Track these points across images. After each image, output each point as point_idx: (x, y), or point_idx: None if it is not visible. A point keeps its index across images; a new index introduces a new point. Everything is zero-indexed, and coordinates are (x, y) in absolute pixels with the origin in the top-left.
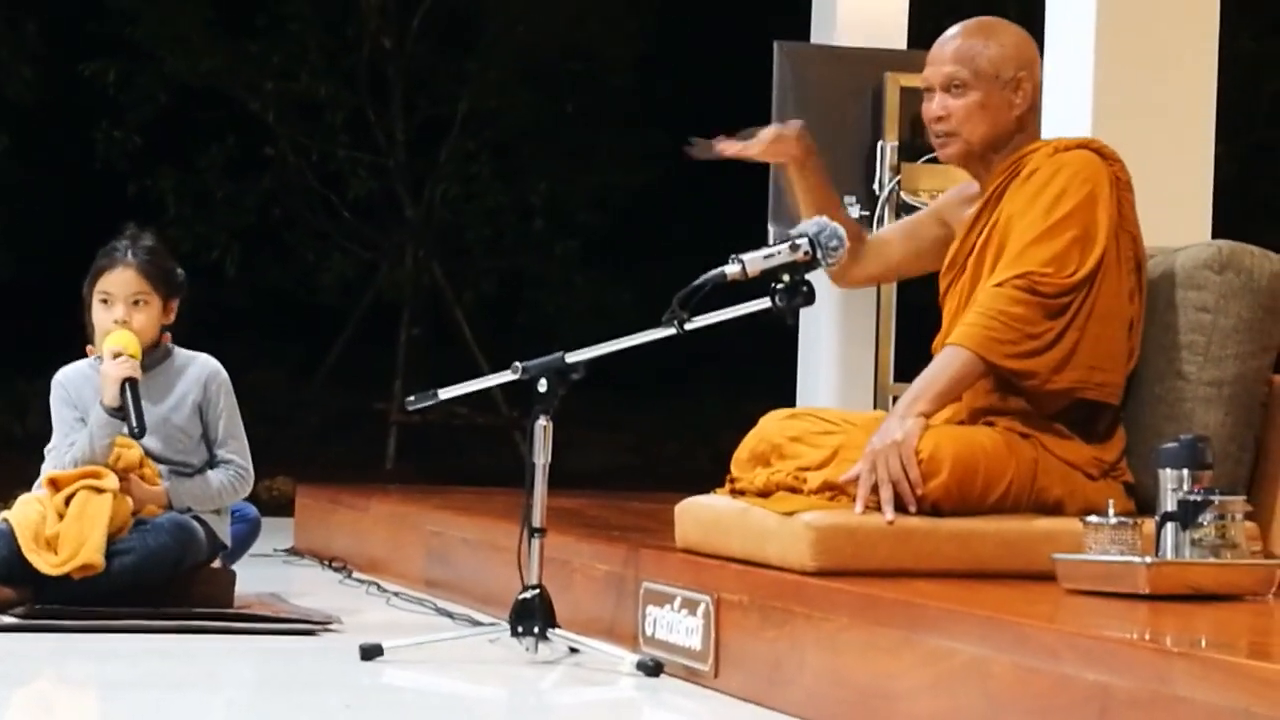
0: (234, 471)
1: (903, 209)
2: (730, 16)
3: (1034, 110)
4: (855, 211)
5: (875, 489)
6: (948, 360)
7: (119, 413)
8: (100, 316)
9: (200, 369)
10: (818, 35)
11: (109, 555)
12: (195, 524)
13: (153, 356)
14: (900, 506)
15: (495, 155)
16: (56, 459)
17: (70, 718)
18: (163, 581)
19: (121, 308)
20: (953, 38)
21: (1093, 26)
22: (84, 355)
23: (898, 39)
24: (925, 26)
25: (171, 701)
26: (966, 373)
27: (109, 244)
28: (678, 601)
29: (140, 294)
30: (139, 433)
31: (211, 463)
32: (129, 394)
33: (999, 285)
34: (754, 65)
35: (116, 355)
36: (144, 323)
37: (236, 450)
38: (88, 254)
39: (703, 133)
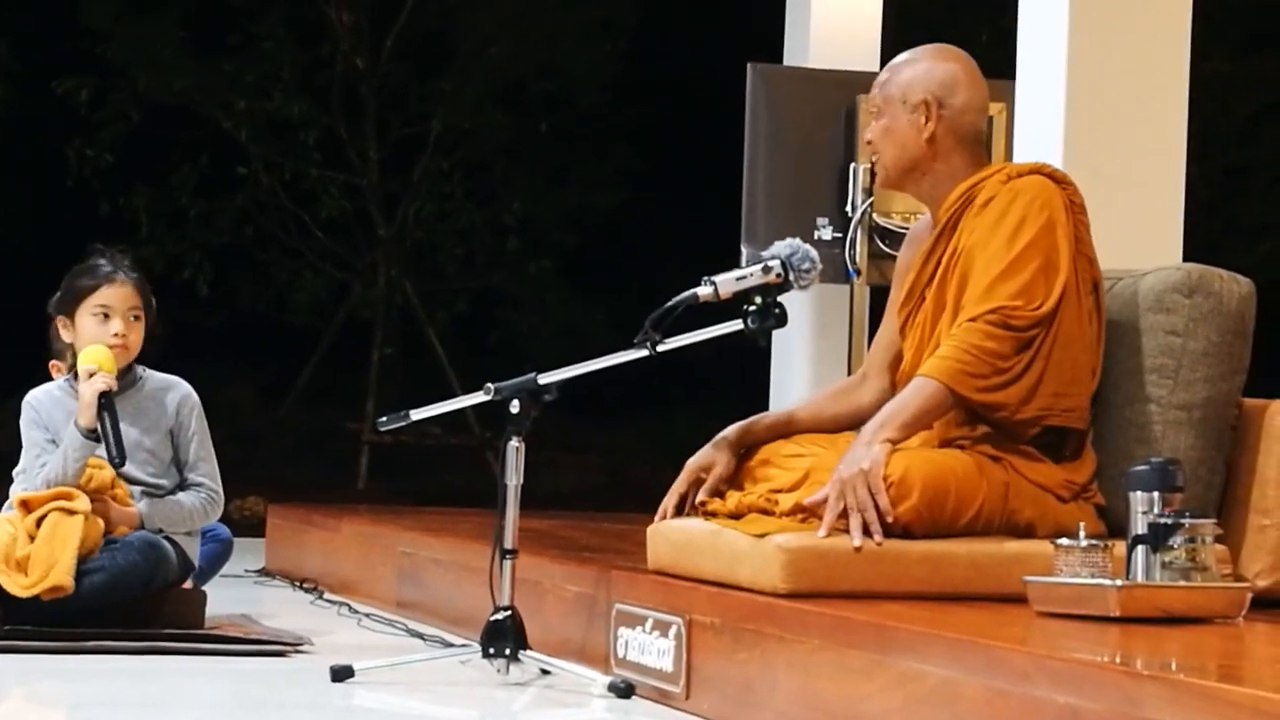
0: (205, 494)
1: (875, 231)
2: (703, 38)
3: (957, 133)
4: (828, 233)
5: (844, 515)
6: (917, 390)
7: (93, 434)
8: (95, 331)
9: (173, 392)
10: (791, 57)
11: (79, 575)
12: (165, 543)
13: (125, 379)
14: (869, 533)
15: (468, 175)
16: (27, 481)
17: None
18: (133, 600)
19: (120, 322)
20: (887, 66)
21: (1064, 50)
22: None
23: (870, 61)
24: (898, 48)
25: None
26: (935, 404)
27: (88, 263)
28: (649, 623)
29: (136, 309)
30: (119, 462)
31: (182, 485)
32: (108, 421)
33: (972, 320)
34: (727, 86)
35: (92, 374)
36: (139, 338)
37: (208, 474)
38: (59, 273)
39: (676, 153)
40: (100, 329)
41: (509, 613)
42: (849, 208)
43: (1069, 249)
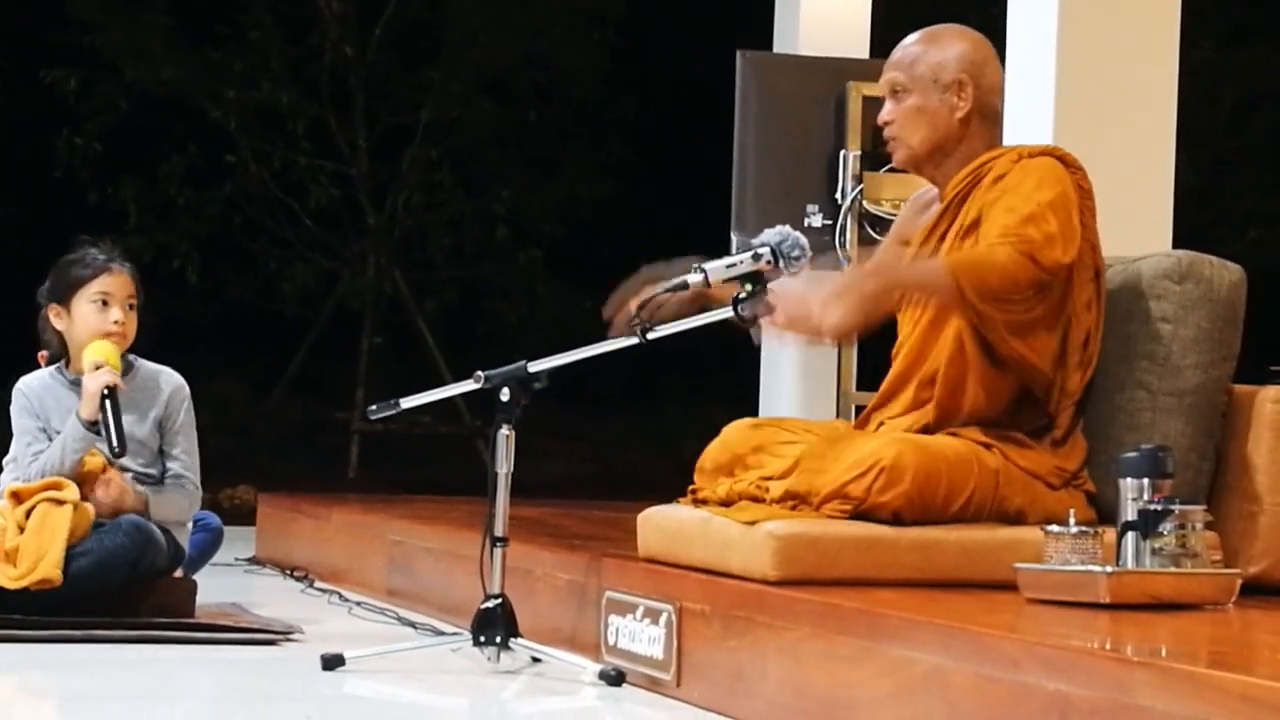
0: (186, 489)
1: (865, 218)
2: (692, 26)
3: (982, 113)
4: (818, 220)
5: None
6: (927, 271)
7: (94, 427)
8: (94, 319)
9: (164, 382)
10: (780, 44)
11: (67, 559)
12: (153, 526)
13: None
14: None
15: (457, 164)
16: (19, 470)
17: None
18: (120, 583)
19: (119, 310)
20: (902, 45)
21: (1054, 36)
22: (38, 366)
23: (860, 48)
24: (888, 35)
25: (131, 712)
26: (935, 288)
27: (80, 252)
28: (640, 611)
29: (132, 298)
30: (119, 452)
31: (162, 474)
32: (109, 410)
33: (998, 241)
34: (717, 74)
35: (98, 367)
36: (134, 327)
37: (189, 466)
38: (47, 263)
39: (665, 143)
40: (99, 316)
41: (499, 601)
42: (839, 195)
43: (1078, 227)
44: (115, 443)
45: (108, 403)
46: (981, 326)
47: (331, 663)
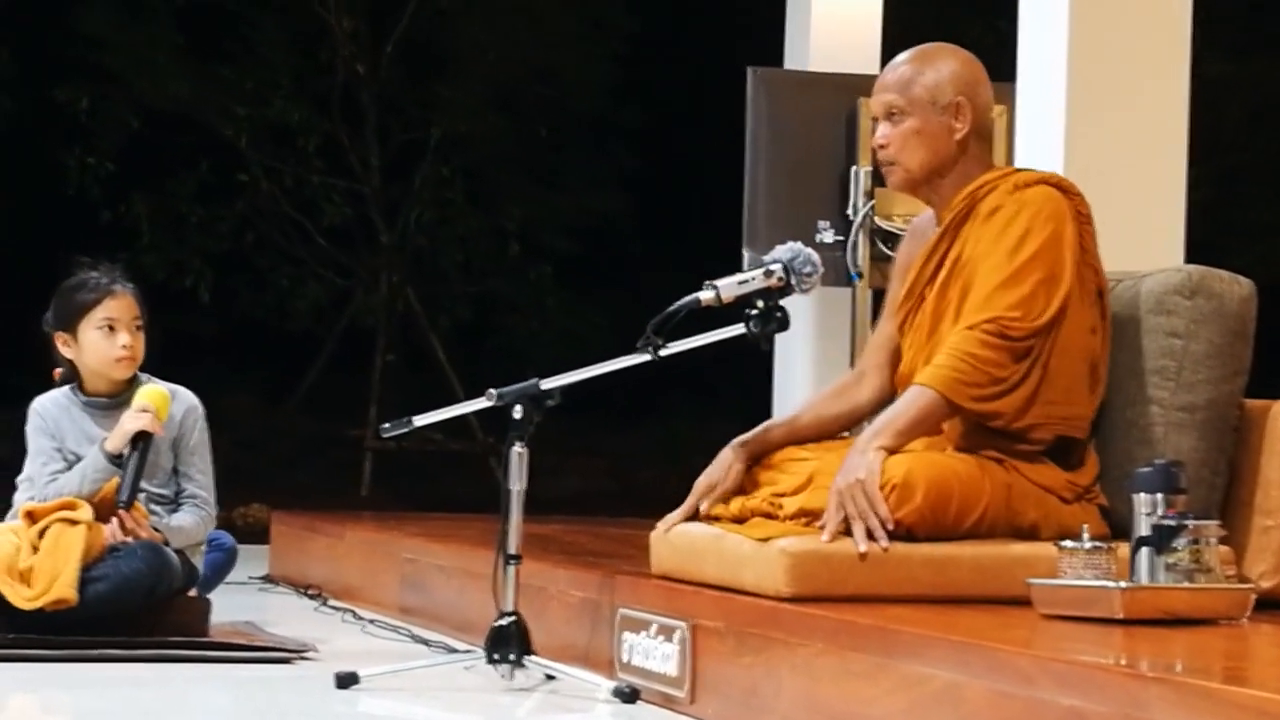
0: (202, 512)
1: (876, 234)
2: (701, 42)
3: (978, 134)
4: (830, 236)
5: (845, 525)
6: (913, 399)
7: (117, 460)
8: (102, 345)
9: (178, 402)
10: (791, 61)
11: (83, 583)
12: (168, 550)
13: (130, 389)
14: (875, 539)
15: (468, 180)
16: (35, 489)
17: None
18: (137, 608)
19: (126, 334)
20: (893, 66)
21: (1065, 50)
22: (51, 383)
23: (871, 64)
24: (898, 51)
25: None
26: (931, 413)
27: (80, 276)
28: (654, 628)
29: (138, 319)
30: (124, 504)
31: (176, 494)
32: (135, 457)
33: (969, 328)
34: (726, 90)
35: (144, 410)
36: (142, 347)
37: (204, 486)
38: (59, 281)
39: (675, 158)
40: (107, 343)
41: (513, 618)
42: (850, 210)
43: (1073, 261)
44: (125, 495)
45: (137, 448)
46: (985, 422)
47: (346, 681)
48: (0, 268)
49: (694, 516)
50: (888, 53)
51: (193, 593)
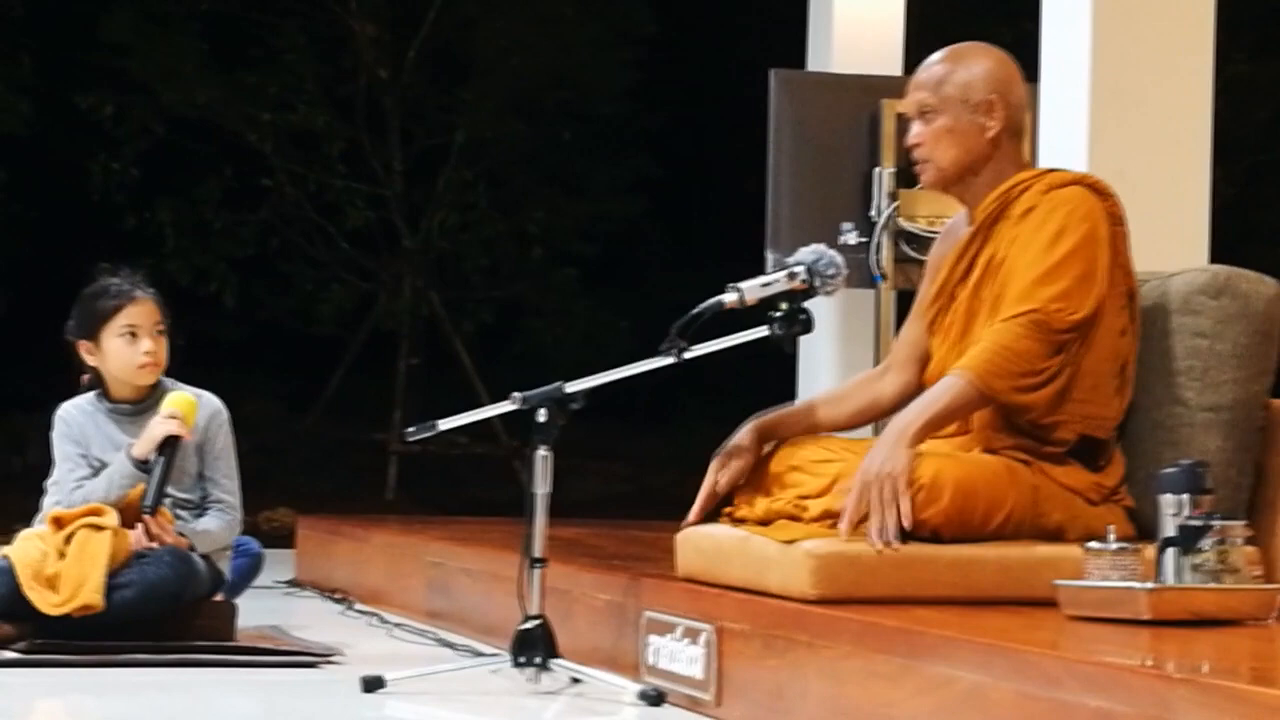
0: (228, 516)
1: (900, 235)
2: (723, 44)
3: (1011, 132)
4: (853, 238)
5: (865, 518)
6: (946, 387)
7: (144, 466)
8: (125, 353)
9: (204, 408)
10: (814, 63)
11: (110, 589)
12: (195, 556)
13: (154, 394)
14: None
15: (492, 185)
16: (62, 494)
17: None
18: (163, 614)
19: (149, 340)
20: (926, 65)
21: (1088, 51)
22: (77, 388)
23: (894, 65)
24: (921, 52)
25: None
26: (964, 401)
27: (101, 283)
28: (679, 630)
29: (160, 324)
30: (150, 509)
31: (203, 499)
32: (162, 462)
33: (1007, 320)
34: (749, 93)
35: (173, 416)
36: (165, 353)
37: (230, 490)
38: (85, 288)
39: (698, 160)
40: (129, 350)
41: (539, 621)
42: (874, 212)
43: (1107, 262)
44: (151, 499)
45: (164, 453)
46: (1016, 415)
47: (372, 685)
48: (25, 274)
49: (714, 497)
50: (910, 54)
51: (219, 597)
